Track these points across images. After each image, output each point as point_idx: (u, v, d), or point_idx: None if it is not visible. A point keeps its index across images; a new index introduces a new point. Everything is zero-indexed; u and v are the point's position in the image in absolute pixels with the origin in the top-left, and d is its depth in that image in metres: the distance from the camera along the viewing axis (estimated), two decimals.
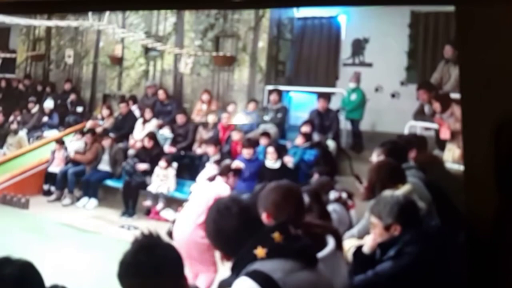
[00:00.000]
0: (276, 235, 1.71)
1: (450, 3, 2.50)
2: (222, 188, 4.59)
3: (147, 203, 6.94)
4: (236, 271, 1.72)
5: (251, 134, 7.12)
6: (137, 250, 1.61)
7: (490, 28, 2.24)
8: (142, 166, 7.16)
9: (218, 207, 1.82)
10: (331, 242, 2.09)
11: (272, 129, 7.02)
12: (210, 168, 6.50)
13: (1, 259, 1.57)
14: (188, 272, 2.35)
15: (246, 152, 6.39)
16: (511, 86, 2.23)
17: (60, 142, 8.20)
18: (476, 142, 2.26)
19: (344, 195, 4.00)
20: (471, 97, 2.30)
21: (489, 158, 2.23)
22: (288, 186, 2.34)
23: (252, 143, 6.50)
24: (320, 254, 1.97)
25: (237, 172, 4.92)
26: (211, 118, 7.61)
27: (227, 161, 5.80)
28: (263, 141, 6.62)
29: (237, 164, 5.67)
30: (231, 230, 1.74)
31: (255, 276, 1.62)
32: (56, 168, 7.95)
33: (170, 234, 4.46)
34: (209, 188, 4.61)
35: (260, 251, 1.67)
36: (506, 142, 2.24)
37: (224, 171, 4.84)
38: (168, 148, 7.66)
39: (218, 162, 6.50)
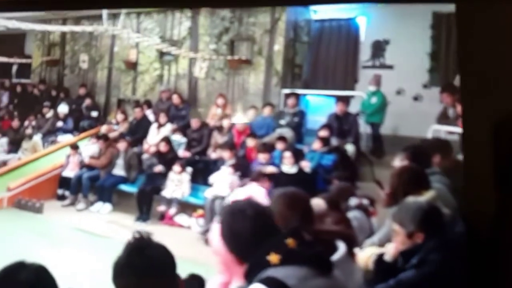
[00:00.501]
0: (290, 241, 1.70)
1: (450, 2, 2.49)
2: (257, 191, 4.74)
3: (161, 208, 6.95)
4: (249, 278, 1.70)
5: (267, 138, 7.08)
6: (130, 251, 1.64)
7: (491, 27, 2.22)
8: (159, 168, 7.18)
9: (232, 209, 1.82)
10: (341, 247, 2.06)
11: (288, 133, 6.98)
12: (225, 171, 6.55)
13: (15, 264, 1.58)
14: (224, 278, 2.33)
15: (262, 157, 6.38)
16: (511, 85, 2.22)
17: (75, 146, 8.28)
18: (475, 142, 2.25)
19: (365, 201, 3.93)
20: (471, 97, 2.28)
21: (489, 158, 2.21)
22: (293, 194, 2.31)
23: (268, 148, 6.48)
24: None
25: (271, 176, 4.97)
26: (226, 123, 7.59)
27: (258, 167, 5.92)
28: (280, 145, 6.57)
29: (270, 169, 5.75)
30: (245, 233, 1.74)
31: (269, 283, 1.60)
32: (70, 172, 8.01)
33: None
34: (244, 193, 4.72)
35: (273, 257, 1.65)
36: (506, 141, 2.21)
37: (257, 177, 5.03)
38: (182, 153, 7.66)
39: (233, 166, 6.51)
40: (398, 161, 3.66)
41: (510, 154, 2.19)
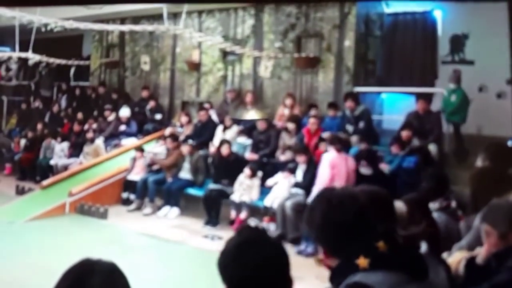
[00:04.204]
0: (381, 244, 1.64)
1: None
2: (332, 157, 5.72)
3: (232, 214, 7.15)
4: (335, 282, 1.66)
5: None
6: (241, 242, 1.61)
7: None
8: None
9: (330, 198, 1.76)
10: (423, 246, 2.09)
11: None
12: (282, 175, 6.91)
13: (83, 268, 1.52)
14: None
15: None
16: None
17: (141, 150, 8.63)
18: None
19: (453, 204, 3.97)
20: None
21: None
22: (377, 193, 2.23)
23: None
24: None
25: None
26: (291, 125, 7.68)
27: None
28: (362, 145, 6.68)
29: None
30: (341, 226, 1.69)
31: None
32: (136, 176, 8.37)
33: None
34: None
35: (362, 261, 1.61)
36: None
37: (332, 140, 5.96)
38: (249, 155, 7.87)
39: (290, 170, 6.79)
40: (480, 162, 3.72)
41: None
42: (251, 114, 8.50)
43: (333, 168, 6.00)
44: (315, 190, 6.09)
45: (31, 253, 6.00)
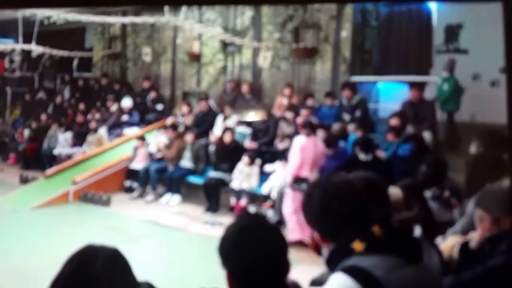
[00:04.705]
0: (376, 229, 1.64)
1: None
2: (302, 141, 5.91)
3: (231, 201, 7.19)
4: (331, 266, 1.66)
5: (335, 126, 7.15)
6: (241, 228, 1.61)
7: None
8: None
9: (326, 185, 1.76)
10: (417, 230, 2.03)
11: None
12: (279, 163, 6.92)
13: (86, 253, 1.51)
14: None
15: (328, 152, 6.50)
16: None
17: (142, 139, 8.66)
18: None
19: (447, 193, 3.96)
20: None
21: None
22: (372, 179, 2.24)
23: (332, 143, 6.50)
24: None
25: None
26: (289, 115, 7.65)
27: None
28: (358, 132, 6.68)
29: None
30: (336, 213, 1.69)
31: (354, 272, 1.55)
32: (138, 165, 8.40)
33: None
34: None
35: (358, 245, 1.61)
36: None
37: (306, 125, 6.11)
38: (248, 144, 7.89)
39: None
40: (474, 148, 3.70)
41: None
42: (251, 115, 8.49)
43: (303, 151, 6.06)
44: (287, 173, 6.28)
45: (35, 241, 6.01)
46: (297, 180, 6.01)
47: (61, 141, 9.85)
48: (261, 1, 7.41)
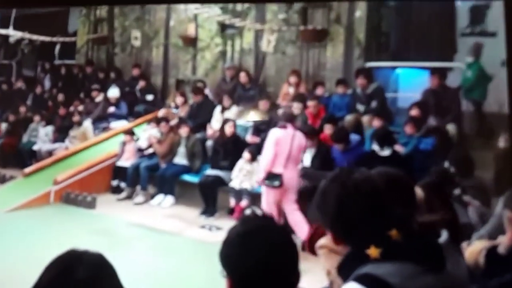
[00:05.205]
0: (394, 233, 1.62)
1: None
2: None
3: (231, 202, 7.14)
4: (343, 274, 1.65)
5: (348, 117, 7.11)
6: (247, 230, 1.60)
7: None
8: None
9: (344, 181, 1.74)
10: (444, 234, 2.00)
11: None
12: None
13: (69, 258, 1.53)
14: None
15: (338, 147, 6.55)
16: None
17: (130, 133, 8.60)
18: None
19: (457, 191, 3.95)
20: None
21: None
22: (397, 175, 2.24)
23: (341, 138, 6.53)
24: None
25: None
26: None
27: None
28: (376, 122, 6.67)
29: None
30: (355, 211, 1.68)
31: (368, 281, 1.54)
32: (126, 162, 8.34)
33: None
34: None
35: (373, 251, 1.59)
36: None
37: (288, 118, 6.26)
38: (250, 138, 7.83)
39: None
40: (503, 142, 3.66)
41: None
42: (251, 115, 8.39)
43: (277, 145, 6.12)
44: (260, 167, 6.42)
45: (13, 246, 5.98)
46: (270, 176, 6.09)
47: (42, 136, 9.79)
48: None
